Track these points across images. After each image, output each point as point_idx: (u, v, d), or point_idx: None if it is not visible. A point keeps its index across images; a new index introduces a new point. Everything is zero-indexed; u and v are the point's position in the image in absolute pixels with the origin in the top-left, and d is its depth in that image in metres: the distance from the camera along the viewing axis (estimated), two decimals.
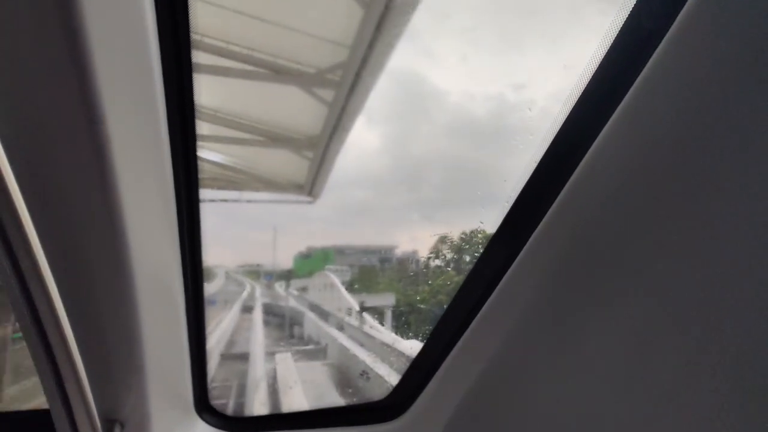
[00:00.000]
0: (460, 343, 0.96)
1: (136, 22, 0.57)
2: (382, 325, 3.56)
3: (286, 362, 3.85)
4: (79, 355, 0.74)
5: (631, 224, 0.60)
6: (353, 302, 5.00)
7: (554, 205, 0.70)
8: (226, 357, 4.36)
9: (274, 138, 2.35)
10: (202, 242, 0.91)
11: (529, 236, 0.75)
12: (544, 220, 0.72)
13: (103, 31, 0.48)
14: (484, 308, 0.88)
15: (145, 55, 0.60)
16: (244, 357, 4.21)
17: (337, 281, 5.60)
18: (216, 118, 2.19)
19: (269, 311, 6.27)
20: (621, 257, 0.62)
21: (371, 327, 3.71)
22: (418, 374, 1.11)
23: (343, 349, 3.85)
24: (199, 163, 0.80)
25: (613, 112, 0.58)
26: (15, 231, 0.59)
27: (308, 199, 2.99)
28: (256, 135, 2.31)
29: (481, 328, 0.91)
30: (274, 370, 3.56)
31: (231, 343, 4.85)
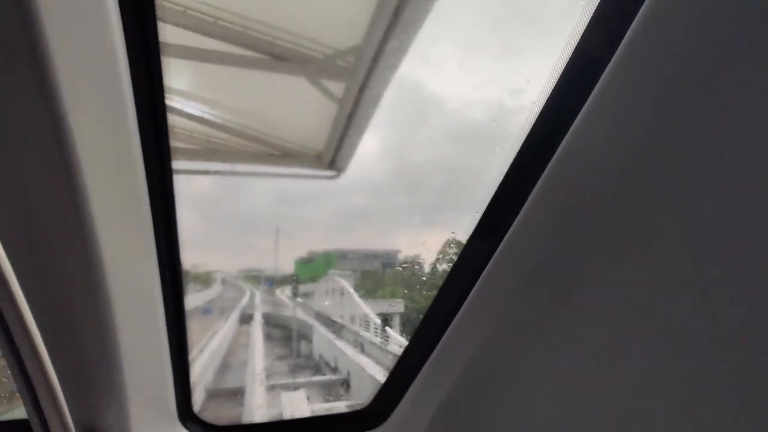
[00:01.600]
0: (438, 348, 0.96)
1: None
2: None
3: (296, 404, 2.91)
4: (51, 365, 0.73)
5: (608, 220, 0.60)
6: (371, 313, 4.37)
7: (525, 207, 0.70)
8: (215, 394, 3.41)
9: (278, 56, 1.41)
10: (180, 241, 0.86)
11: (502, 239, 0.75)
12: (516, 222, 0.72)
13: None
14: (460, 312, 0.88)
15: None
16: (239, 394, 3.27)
17: (348, 286, 4.99)
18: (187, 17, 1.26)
19: (271, 323, 5.50)
20: (598, 255, 0.63)
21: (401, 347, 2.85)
22: (398, 381, 1.11)
23: (373, 381, 2.96)
24: (175, 123, 0.73)
25: (582, 106, 0.59)
26: None
27: (330, 173, 2.11)
28: (252, 51, 1.37)
29: (458, 332, 0.91)
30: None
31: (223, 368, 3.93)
